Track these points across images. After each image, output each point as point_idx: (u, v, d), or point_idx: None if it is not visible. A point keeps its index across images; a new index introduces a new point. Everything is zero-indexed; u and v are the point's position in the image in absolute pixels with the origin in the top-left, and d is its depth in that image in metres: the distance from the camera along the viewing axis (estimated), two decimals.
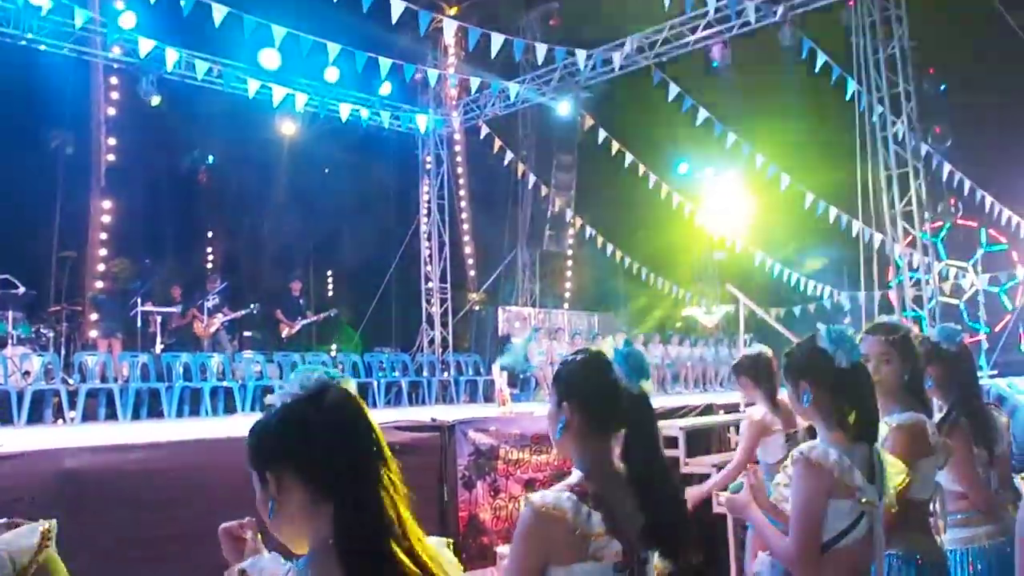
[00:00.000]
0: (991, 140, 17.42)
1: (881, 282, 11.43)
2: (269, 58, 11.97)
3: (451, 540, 1.63)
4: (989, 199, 15.77)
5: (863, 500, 2.35)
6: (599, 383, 1.92)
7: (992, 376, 12.89)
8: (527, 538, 1.79)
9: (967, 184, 15.26)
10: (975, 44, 15.52)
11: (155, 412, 9.64)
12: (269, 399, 1.51)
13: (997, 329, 17.78)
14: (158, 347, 10.52)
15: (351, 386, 1.53)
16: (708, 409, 7.89)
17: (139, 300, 10.75)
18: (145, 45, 10.86)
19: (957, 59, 15.17)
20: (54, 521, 1.39)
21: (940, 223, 17.80)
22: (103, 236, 15.13)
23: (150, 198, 18.98)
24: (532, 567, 1.78)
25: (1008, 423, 3.56)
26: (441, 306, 15.50)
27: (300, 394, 1.48)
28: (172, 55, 11.23)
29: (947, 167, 14.77)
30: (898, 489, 2.46)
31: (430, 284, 15.58)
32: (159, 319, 10.74)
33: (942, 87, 12.39)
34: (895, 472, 2.47)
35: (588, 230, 17.55)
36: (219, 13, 10.01)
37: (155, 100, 11.89)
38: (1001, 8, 11.28)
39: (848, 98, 11.84)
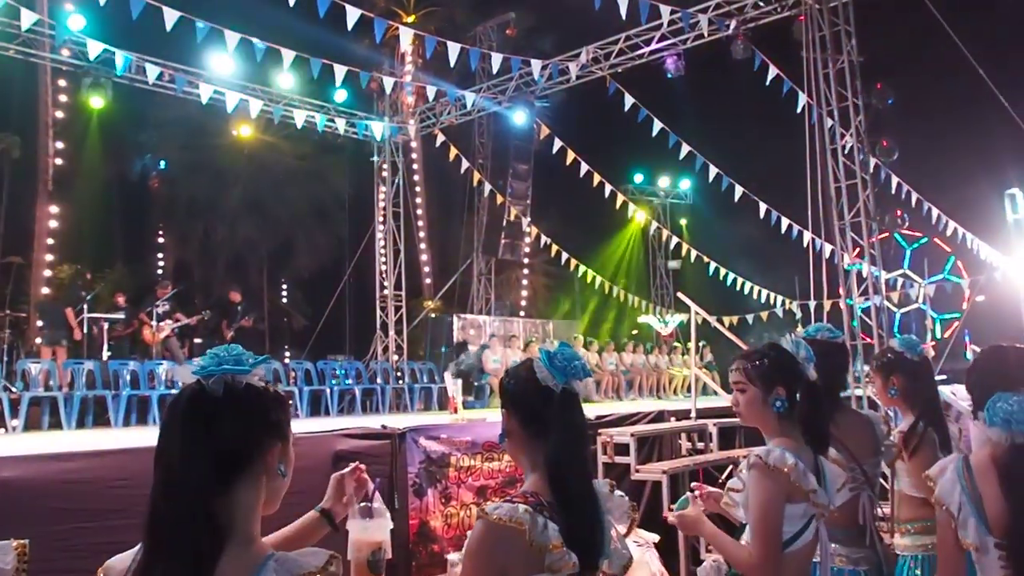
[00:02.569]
0: (937, 153, 17.88)
1: (832, 291, 11.62)
2: (222, 63, 11.81)
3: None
4: (936, 211, 16.16)
5: (817, 503, 2.38)
6: (526, 388, 1.91)
7: (940, 383, 13.21)
8: (483, 552, 1.76)
9: (914, 196, 15.63)
10: (922, 59, 15.94)
11: (101, 421, 9.43)
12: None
13: (965, 307, 18.19)
14: (104, 354, 10.30)
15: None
16: (659, 416, 7.95)
17: (85, 307, 10.51)
18: (94, 48, 10.66)
19: (904, 74, 15.54)
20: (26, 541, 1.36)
21: (887, 233, 18.21)
22: (49, 242, 14.83)
23: (99, 203, 18.66)
24: None
25: (960, 431, 3.64)
26: (396, 313, 15.42)
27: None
28: (122, 58, 11.04)
29: (895, 179, 15.12)
30: None
31: (385, 291, 15.49)
32: (106, 325, 10.51)
33: (889, 101, 12.63)
34: (836, 478, 2.51)
35: (543, 239, 17.61)
36: (170, 17, 9.86)
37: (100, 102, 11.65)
38: (946, 25, 11.57)
39: (799, 111, 12.05)
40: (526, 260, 20.04)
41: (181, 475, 1.34)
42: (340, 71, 12.10)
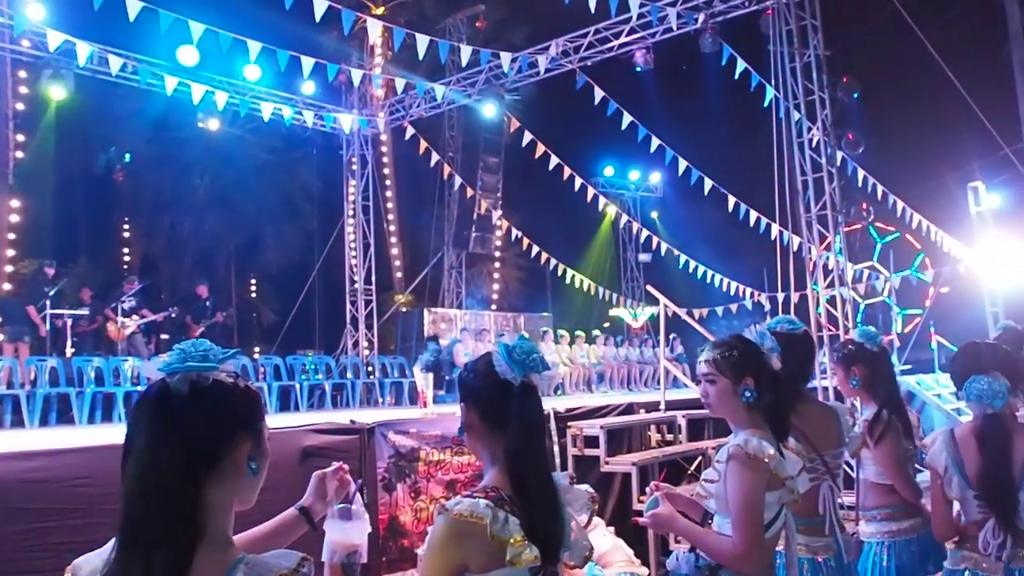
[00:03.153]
0: (902, 147, 18.11)
1: (799, 283, 11.73)
2: (187, 55, 11.66)
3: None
4: (901, 204, 16.38)
5: (793, 491, 2.43)
6: (485, 381, 1.90)
7: (903, 373, 13.41)
8: (443, 547, 1.75)
9: (880, 189, 15.83)
10: (887, 54, 16.12)
11: (65, 418, 9.29)
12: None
13: (927, 304, 18.45)
14: (68, 351, 10.13)
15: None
16: (629, 408, 7.98)
17: (48, 303, 10.33)
18: (55, 39, 10.47)
19: (870, 68, 15.69)
20: None
21: (856, 225, 18.43)
22: (11, 236, 14.55)
23: (62, 197, 18.35)
24: (447, 574, 1.75)
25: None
26: (366, 308, 15.33)
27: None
28: (84, 49, 10.85)
29: (861, 172, 15.29)
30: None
31: (355, 285, 15.39)
32: (69, 322, 10.33)
33: (855, 95, 12.76)
34: (795, 465, 2.54)
35: (514, 232, 17.59)
36: (133, 7, 9.70)
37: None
38: (910, 20, 11.69)
39: (766, 104, 12.14)
40: (497, 253, 20.01)
41: (150, 475, 1.31)
42: (308, 63, 12.00)
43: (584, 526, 1.96)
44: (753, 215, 15.62)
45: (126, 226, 20.91)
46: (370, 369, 13.92)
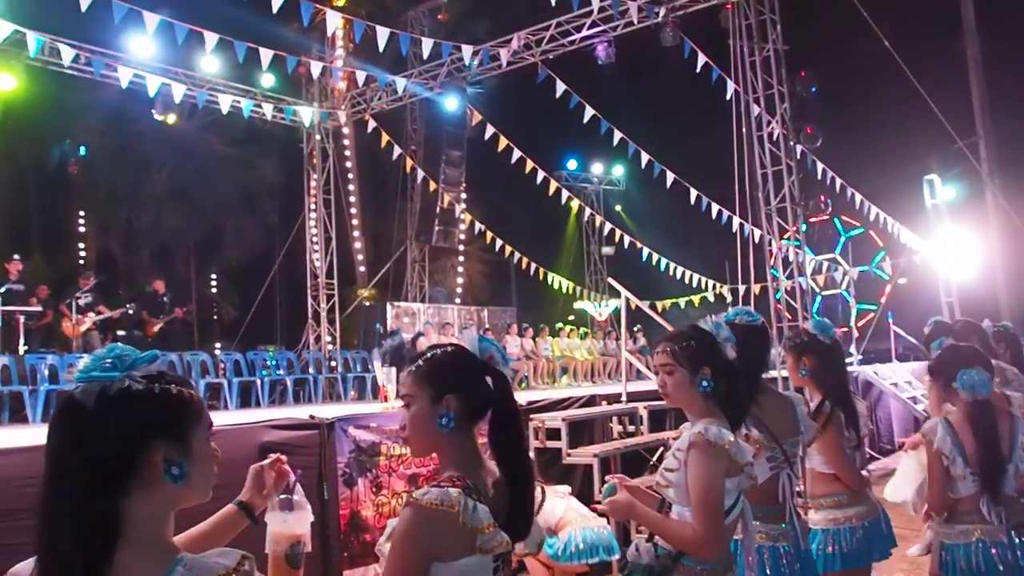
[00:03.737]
0: (859, 141, 18.39)
1: (760, 275, 11.85)
2: (141, 46, 11.44)
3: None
4: (859, 197, 16.62)
5: (752, 477, 2.46)
6: (475, 372, 1.90)
7: (863, 362, 13.63)
8: (413, 537, 1.73)
9: (838, 182, 16.04)
10: (844, 49, 16.34)
11: (18, 417, 9.08)
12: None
13: (883, 301, 18.76)
14: (21, 348, 9.91)
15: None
16: (591, 400, 7.99)
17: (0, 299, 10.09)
18: (3, 28, 10.20)
19: (828, 63, 15.90)
20: None
21: (816, 218, 18.70)
22: None
23: (15, 191, 17.99)
24: (418, 567, 1.73)
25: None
26: (328, 302, 15.20)
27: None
28: (34, 39, 10.59)
29: (820, 165, 15.49)
30: None
31: (317, 280, 15.25)
32: (22, 319, 10.11)
33: (813, 89, 12.92)
34: (748, 453, 2.56)
35: (478, 225, 17.56)
36: None
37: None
38: (867, 16, 11.85)
39: (727, 98, 12.23)
40: (461, 247, 19.98)
41: (56, 488, 1.30)
42: (266, 55, 11.84)
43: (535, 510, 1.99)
44: (715, 208, 15.76)
45: (81, 221, 20.50)
46: (333, 364, 13.81)
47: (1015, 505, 3.24)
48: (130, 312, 11.78)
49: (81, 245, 20.36)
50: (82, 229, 20.53)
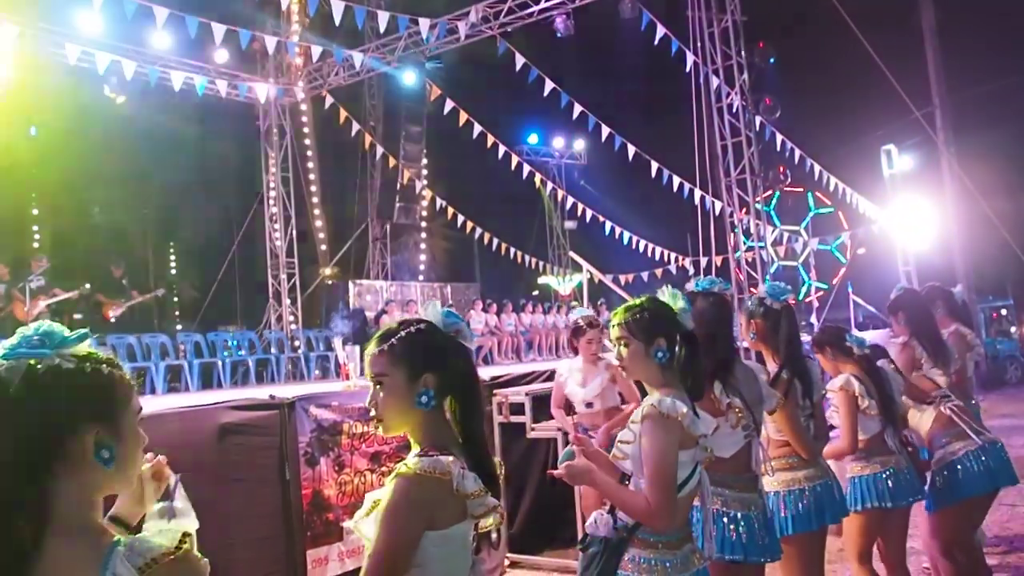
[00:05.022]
0: (817, 111, 18.53)
1: (721, 247, 11.93)
2: (89, 22, 11.12)
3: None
4: (818, 167, 16.78)
5: (706, 449, 2.45)
6: (447, 348, 1.91)
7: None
8: (409, 506, 1.72)
9: (797, 153, 16.17)
10: (801, 19, 16.41)
11: None
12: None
13: (835, 282, 19.03)
14: None
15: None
16: (554, 374, 7.99)
17: None
18: None
19: (785, 34, 15.97)
20: None
21: (768, 193, 18.84)
22: None
23: None
24: (412, 536, 1.73)
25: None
26: (289, 281, 15.03)
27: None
28: None
29: (779, 137, 15.60)
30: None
31: (277, 259, 15.06)
32: None
33: (771, 60, 13.00)
34: (709, 425, 2.56)
35: (439, 201, 17.44)
36: None
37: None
38: None
39: (687, 70, 12.23)
40: (423, 224, 19.85)
41: None
42: (219, 30, 11.60)
43: None
44: (675, 180, 15.81)
45: (33, 203, 20.00)
46: (296, 343, 13.69)
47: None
48: (84, 294, 11.52)
49: (35, 227, 19.88)
50: (35, 212, 20.03)
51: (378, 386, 1.90)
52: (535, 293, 22.14)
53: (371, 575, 1.74)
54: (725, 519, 2.99)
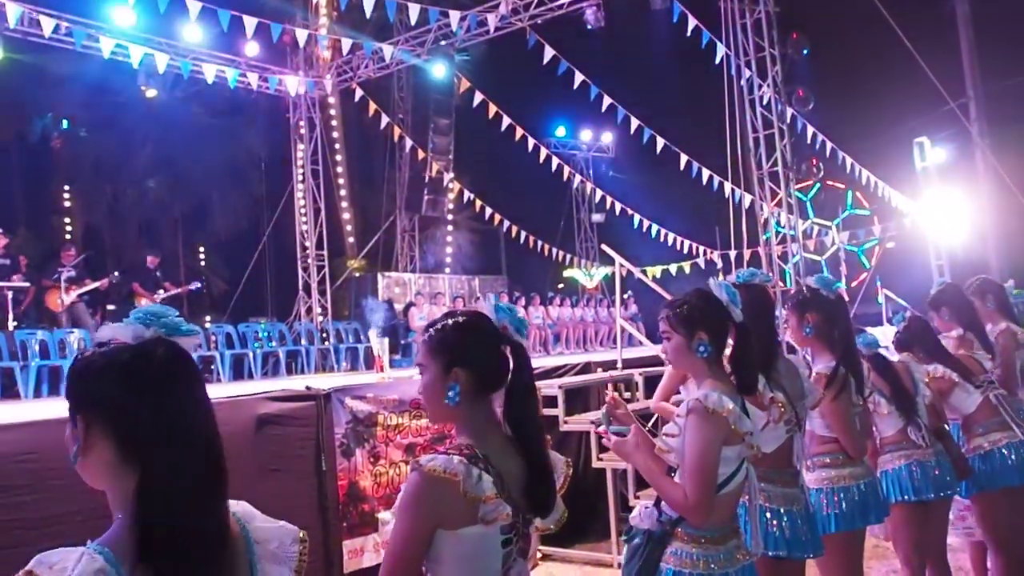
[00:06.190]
0: (850, 103, 18.30)
1: (751, 240, 11.83)
2: (122, 16, 11.22)
3: None
4: (850, 160, 16.57)
5: (752, 446, 2.43)
6: (489, 344, 1.88)
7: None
8: (417, 503, 1.73)
9: (828, 146, 15.98)
10: (835, 10, 16.20)
11: (10, 393, 9.02)
12: (102, 332, 1.38)
13: (854, 285, 18.82)
14: (10, 324, 9.82)
15: (190, 342, 1.38)
16: (586, 368, 7.99)
17: None
18: None
19: (818, 25, 15.76)
20: None
21: (809, 183, 18.66)
22: None
23: None
24: (421, 532, 1.73)
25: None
26: (319, 273, 15.11)
27: (131, 344, 1.34)
28: (13, 10, 10.38)
29: (811, 129, 15.41)
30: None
31: (306, 251, 15.15)
32: (10, 295, 9.99)
33: (804, 51, 12.82)
34: (759, 420, 2.54)
35: (467, 194, 17.44)
36: None
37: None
38: None
39: (717, 62, 12.11)
40: (450, 216, 19.86)
41: None
42: (251, 23, 11.65)
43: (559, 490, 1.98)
44: (705, 173, 15.68)
45: (66, 195, 20.28)
46: (325, 335, 13.77)
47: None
48: (114, 282, 11.61)
49: (67, 220, 20.16)
50: (67, 204, 20.31)
51: (421, 375, 1.92)
52: (560, 286, 22.09)
53: (386, 565, 1.76)
54: (768, 514, 2.97)
